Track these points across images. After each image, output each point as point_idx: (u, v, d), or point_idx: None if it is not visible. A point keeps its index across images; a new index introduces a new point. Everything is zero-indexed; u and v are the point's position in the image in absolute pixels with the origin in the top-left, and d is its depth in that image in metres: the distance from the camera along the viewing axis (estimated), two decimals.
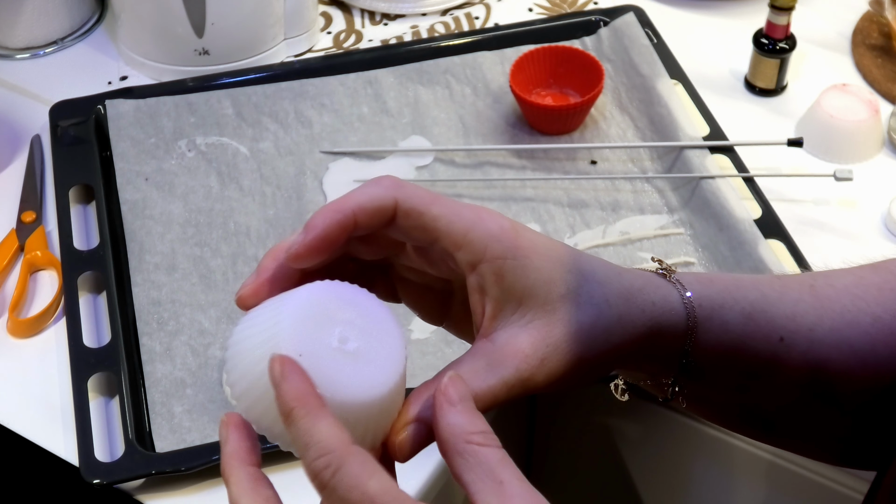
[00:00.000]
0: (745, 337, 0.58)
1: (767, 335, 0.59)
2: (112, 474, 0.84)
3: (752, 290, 0.60)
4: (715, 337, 0.58)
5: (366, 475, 0.48)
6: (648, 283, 0.57)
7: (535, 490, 0.50)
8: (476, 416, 0.50)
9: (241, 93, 1.12)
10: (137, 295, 0.97)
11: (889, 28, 1.19)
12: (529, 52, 1.11)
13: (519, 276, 0.53)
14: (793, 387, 0.61)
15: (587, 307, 0.54)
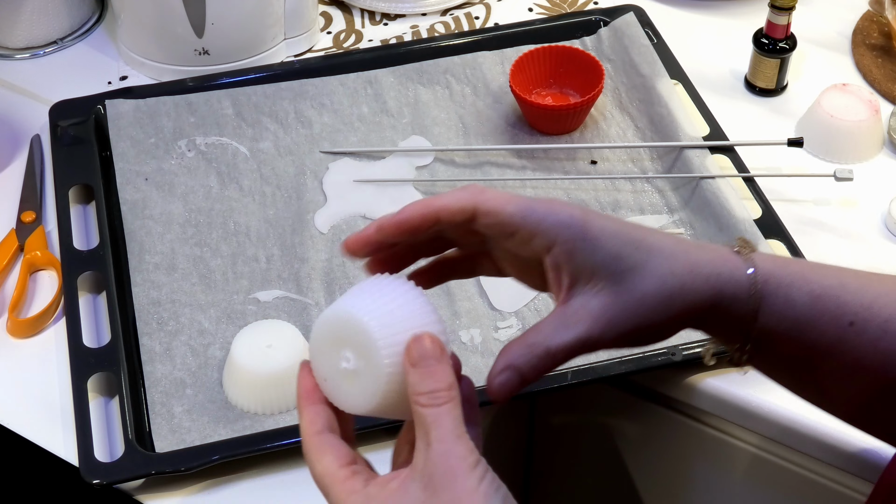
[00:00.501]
0: (811, 317, 0.65)
1: (837, 318, 0.65)
2: (112, 474, 0.84)
3: (832, 278, 0.66)
4: (779, 312, 0.64)
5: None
6: (718, 258, 0.65)
7: (465, 452, 0.59)
8: (428, 375, 0.60)
9: (241, 93, 1.12)
10: (137, 295, 0.97)
11: (889, 28, 1.19)
12: (529, 52, 1.11)
13: (588, 255, 0.63)
14: (862, 375, 0.66)
15: (651, 278, 0.63)
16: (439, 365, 0.60)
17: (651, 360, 0.91)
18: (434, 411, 0.60)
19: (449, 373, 0.60)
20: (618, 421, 1.08)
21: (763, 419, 0.92)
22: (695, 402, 0.95)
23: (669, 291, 0.63)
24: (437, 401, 0.60)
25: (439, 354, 0.61)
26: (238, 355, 0.89)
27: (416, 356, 0.60)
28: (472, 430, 0.64)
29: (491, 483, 0.59)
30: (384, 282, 0.64)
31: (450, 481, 0.59)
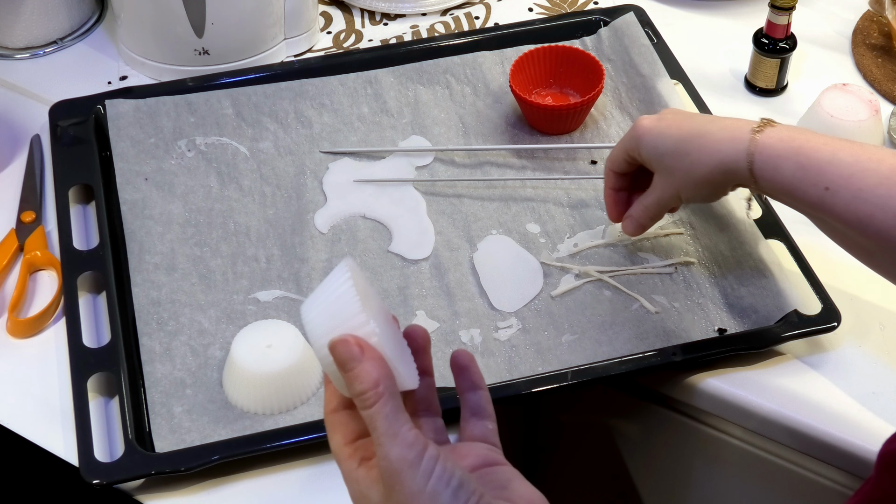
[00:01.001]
0: (794, 183, 0.82)
1: (816, 184, 0.81)
2: (112, 474, 0.84)
3: (826, 151, 0.81)
4: (769, 178, 0.83)
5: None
6: (730, 139, 0.85)
7: (402, 452, 0.61)
8: (353, 378, 0.62)
9: (240, 93, 1.12)
10: (137, 295, 0.97)
11: (889, 28, 1.19)
12: (529, 52, 1.11)
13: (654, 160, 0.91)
14: (845, 232, 0.82)
15: (683, 164, 0.88)
16: (359, 366, 0.62)
17: (651, 360, 0.91)
18: (367, 413, 0.62)
19: (370, 371, 0.62)
20: (618, 421, 1.08)
21: (763, 419, 0.92)
22: (695, 402, 0.95)
23: (698, 177, 0.87)
24: (366, 402, 0.62)
25: (357, 355, 0.63)
26: (238, 355, 0.89)
27: (339, 361, 0.63)
28: (428, 422, 0.69)
29: (440, 478, 0.61)
30: (328, 278, 0.66)
31: (397, 483, 0.61)
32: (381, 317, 0.67)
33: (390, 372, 0.64)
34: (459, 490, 0.61)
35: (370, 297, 0.67)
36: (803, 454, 0.93)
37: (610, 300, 0.97)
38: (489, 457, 0.69)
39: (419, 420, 0.70)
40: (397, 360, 0.65)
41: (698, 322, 0.95)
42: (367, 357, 0.63)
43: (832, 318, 0.93)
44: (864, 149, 0.82)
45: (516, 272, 0.99)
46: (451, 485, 0.61)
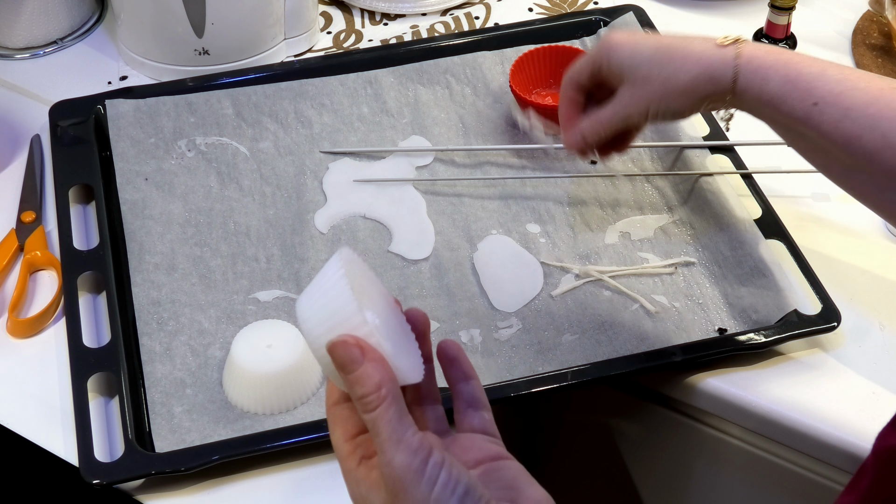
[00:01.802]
0: (782, 95, 0.80)
1: (804, 98, 0.79)
2: (112, 474, 0.84)
3: (815, 68, 0.80)
4: (757, 87, 0.80)
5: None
6: (709, 48, 0.83)
7: (407, 459, 0.59)
8: (355, 381, 0.61)
9: (241, 93, 1.12)
10: (137, 295, 0.97)
11: (889, 28, 1.19)
12: (529, 52, 1.11)
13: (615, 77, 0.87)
14: (828, 151, 0.80)
15: (663, 72, 0.84)
16: (360, 369, 0.61)
17: (651, 360, 0.91)
18: (370, 417, 0.61)
19: (371, 374, 0.61)
20: (618, 421, 1.08)
21: (762, 419, 0.92)
22: (695, 402, 0.95)
23: (679, 85, 0.83)
24: (368, 406, 0.61)
25: (358, 357, 0.61)
26: (238, 355, 0.89)
27: (339, 364, 0.61)
28: (430, 410, 0.68)
29: (445, 485, 0.59)
30: (321, 273, 0.65)
31: (401, 490, 0.60)
32: (381, 305, 0.66)
33: (393, 374, 0.62)
34: (465, 497, 0.60)
35: (368, 285, 0.66)
36: (803, 454, 0.93)
37: (610, 300, 0.97)
38: (492, 450, 0.67)
39: (422, 409, 0.69)
40: (400, 354, 0.64)
41: (698, 322, 0.95)
42: (369, 359, 0.61)
43: (832, 318, 0.93)
44: (852, 70, 0.81)
45: (516, 272, 0.99)
46: (457, 492, 0.60)
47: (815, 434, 0.90)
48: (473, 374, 0.70)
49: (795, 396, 0.92)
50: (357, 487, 0.63)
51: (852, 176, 0.81)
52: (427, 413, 0.69)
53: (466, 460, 0.66)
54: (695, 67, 0.82)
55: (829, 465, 0.92)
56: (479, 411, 0.69)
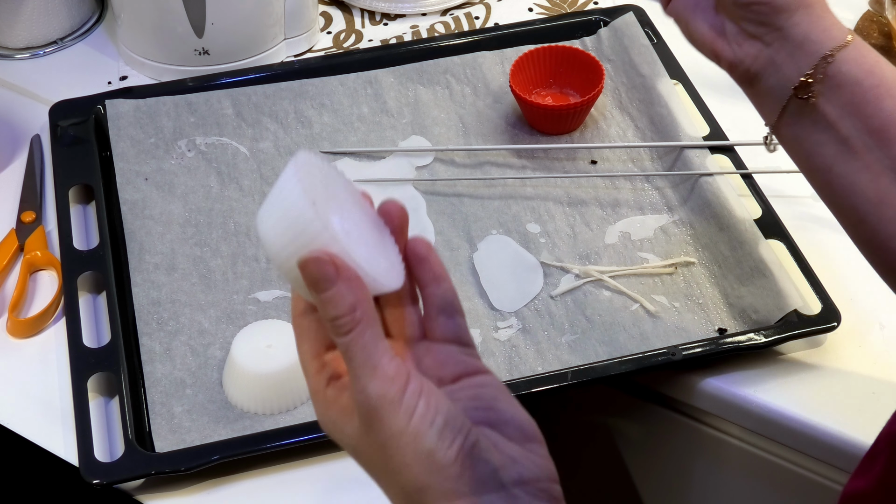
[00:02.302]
0: (894, 85, 0.71)
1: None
2: (112, 474, 0.84)
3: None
4: (865, 68, 0.71)
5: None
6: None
7: (383, 387, 0.56)
8: (327, 301, 0.56)
9: (241, 93, 1.12)
10: (137, 295, 0.97)
11: (889, 28, 1.19)
12: (529, 52, 1.11)
13: None
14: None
15: None
16: (334, 288, 0.56)
17: (651, 360, 0.91)
18: (343, 341, 0.56)
19: (345, 293, 0.56)
20: (618, 421, 1.08)
21: (762, 419, 0.92)
22: (695, 402, 0.95)
23: None
24: (341, 329, 0.56)
25: (331, 275, 0.56)
26: (238, 355, 0.89)
27: (310, 282, 0.57)
28: (408, 313, 0.62)
29: (423, 416, 0.56)
30: (276, 183, 0.59)
31: (375, 420, 0.56)
32: (349, 206, 0.60)
33: (368, 294, 0.57)
34: (445, 429, 0.56)
35: (333, 187, 0.61)
36: (803, 454, 0.93)
37: (610, 300, 0.97)
38: (469, 364, 0.62)
39: (398, 310, 0.63)
40: (375, 260, 0.59)
41: (698, 322, 0.95)
42: (343, 277, 0.56)
43: (832, 318, 0.93)
44: None
45: (516, 272, 0.99)
46: (436, 423, 0.56)
47: (815, 434, 0.90)
48: (445, 276, 0.64)
49: (795, 396, 0.92)
50: (326, 411, 0.60)
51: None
52: (403, 316, 0.63)
53: (442, 376, 0.62)
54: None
55: (829, 465, 0.92)
56: (453, 318, 0.63)
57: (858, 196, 0.74)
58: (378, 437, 0.57)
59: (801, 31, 0.74)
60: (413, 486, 0.57)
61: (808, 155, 0.76)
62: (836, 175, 0.75)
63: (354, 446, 0.59)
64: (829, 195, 0.77)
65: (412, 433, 0.56)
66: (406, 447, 0.56)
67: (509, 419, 0.60)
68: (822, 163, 0.75)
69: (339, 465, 0.87)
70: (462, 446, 0.56)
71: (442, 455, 0.56)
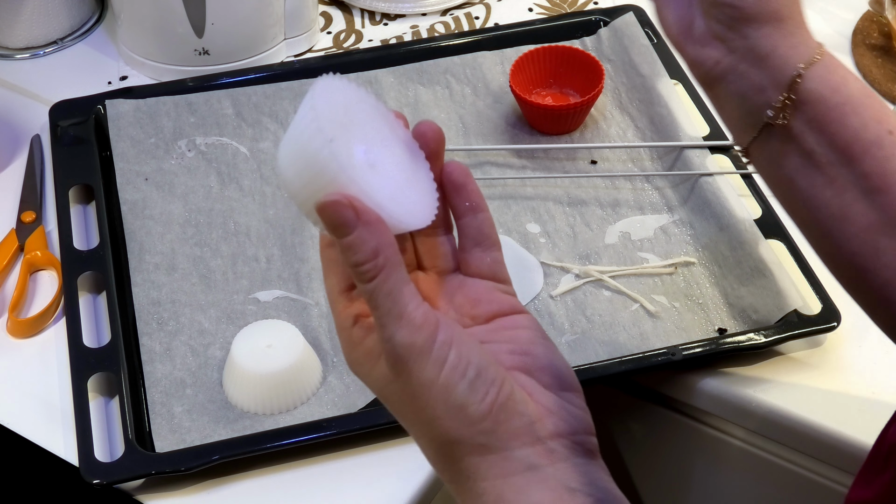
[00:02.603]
0: (859, 103, 0.65)
1: (879, 120, 0.65)
2: (112, 474, 0.84)
3: (878, 96, 0.67)
4: (834, 83, 0.65)
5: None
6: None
7: (410, 336, 0.53)
8: (348, 247, 0.54)
9: (241, 93, 1.12)
10: (137, 295, 0.97)
11: (889, 28, 1.19)
12: (529, 52, 1.11)
13: None
14: (872, 198, 0.65)
15: None
16: (354, 233, 0.53)
17: (651, 360, 0.91)
18: (366, 288, 0.54)
19: (367, 238, 0.53)
20: (618, 421, 1.08)
21: (762, 419, 0.92)
22: (695, 402, 0.95)
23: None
24: (364, 276, 0.54)
25: (351, 220, 0.53)
26: (238, 355, 0.89)
27: (329, 227, 0.54)
28: (441, 243, 0.59)
29: (454, 368, 0.53)
30: (298, 113, 0.56)
31: (403, 371, 0.54)
32: (377, 133, 0.57)
33: (391, 238, 0.54)
34: (477, 380, 0.54)
35: (359, 112, 0.57)
36: (803, 454, 0.93)
37: (610, 300, 0.97)
38: (503, 302, 0.61)
39: (432, 240, 0.60)
40: (399, 197, 0.56)
41: (698, 322, 0.95)
42: (363, 221, 0.53)
43: (832, 318, 0.93)
44: None
45: (516, 272, 0.98)
46: (468, 375, 0.53)
47: (815, 434, 0.90)
48: (483, 206, 0.61)
49: (795, 396, 0.92)
50: (351, 352, 0.57)
51: (878, 241, 0.68)
52: (436, 246, 0.60)
53: (476, 314, 0.59)
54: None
55: (829, 465, 0.92)
56: (489, 251, 0.61)
57: (821, 211, 0.69)
58: (407, 387, 0.54)
59: (768, 45, 0.67)
60: (444, 439, 0.55)
61: (771, 167, 0.72)
62: (799, 189, 0.70)
63: (381, 390, 0.57)
64: (792, 208, 0.72)
65: (442, 385, 0.53)
66: (436, 399, 0.54)
67: (546, 366, 0.57)
68: (785, 175, 0.70)
69: (339, 464, 0.87)
70: (496, 399, 0.54)
71: (475, 409, 0.54)
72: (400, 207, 0.55)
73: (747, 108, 0.68)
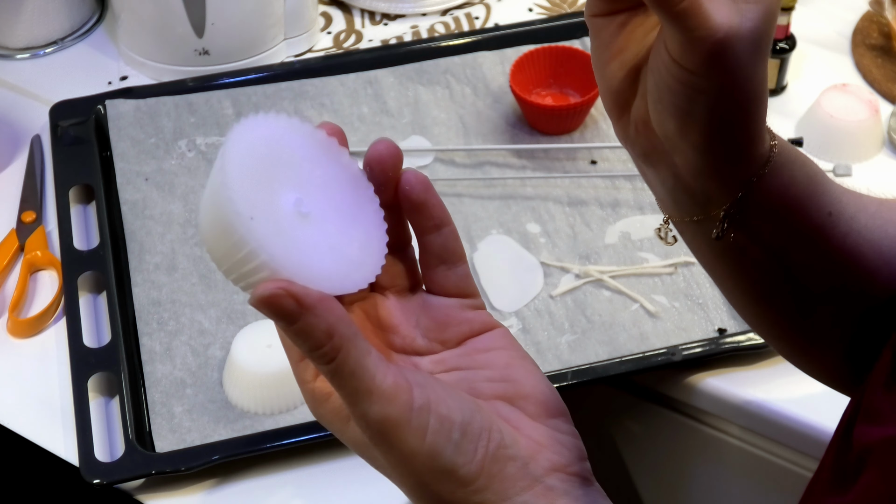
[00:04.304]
0: (805, 197, 0.60)
1: (820, 205, 0.60)
2: (112, 474, 0.84)
3: (816, 174, 0.61)
4: (782, 183, 0.58)
5: None
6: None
7: (384, 410, 0.49)
8: (292, 334, 0.48)
9: (241, 93, 1.12)
10: (137, 295, 0.97)
11: (889, 28, 1.19)
12: (529, 52, 1.11)
13: None
14: (829, 271, 0.62)
15: None
16: (297, 322, 0.47)
17: (651, 360, 0.91)
18: (327, 369, 0.48)
19: (316, 325, 0.47)
20: (618, 421, 1.08)
21: (762, 419, 0.92)
22: (695, 402, 0.95)
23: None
24: (323, 359, 0.48)
25: (293, 310, 0.47)
26: (238, 355, 0.89)
27: (275, 319, 0.48)
28: (399, 261, 0.54)
29: (437, 433, 0.49)
30: (212, 173, 0.49)
31: (384, 444, 0.50)
32: (307, 174, 0.50)
33: (341, 310, 0.48)
34: (462, 440, 0.50)
35: (280, 158, 0.49)
36: (803, 454, 0.93)
37: (610, 300, 0.97)
38: (473, 321, 0.56)
39: (390, 258, 0.53)
40: (339, 256, 0.49)
41: (698, 322, 0.95)
42: (307, 307, 0.47)
43: None
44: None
45: (516, 272, 0.99)
46: (453, 438, 0.49)
47: (814, 434, 0.90)
48: (447, 220, 0.55)
49: (795, 396, 0.92)
50: (319, 407, 0.53)
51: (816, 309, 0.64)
52: (393, 265, 0.55)
53: (445, 338, 0.55)
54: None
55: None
56: (455, 267, 0.55)
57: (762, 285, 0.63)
58: (389, 456, 0.51)
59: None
60: (437, 500, 0.51)
61: (707, 243, 0.63)
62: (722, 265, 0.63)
63: (359, 451, 0.53)
64: (736, 276, 0.65)
65: (427, 454, 0.50)
66: (423, 466, 0.50)
67: (529, 392, 0.54)
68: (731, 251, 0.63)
69: (339, 464, 0.87)
70: (486, 454, 0.51)
71: (465, 471, 0.50)
72: (339, 264, 0.50)
73: (683, 208, 0.62)
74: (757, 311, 0.66)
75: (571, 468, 0.54)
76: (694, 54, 0.50)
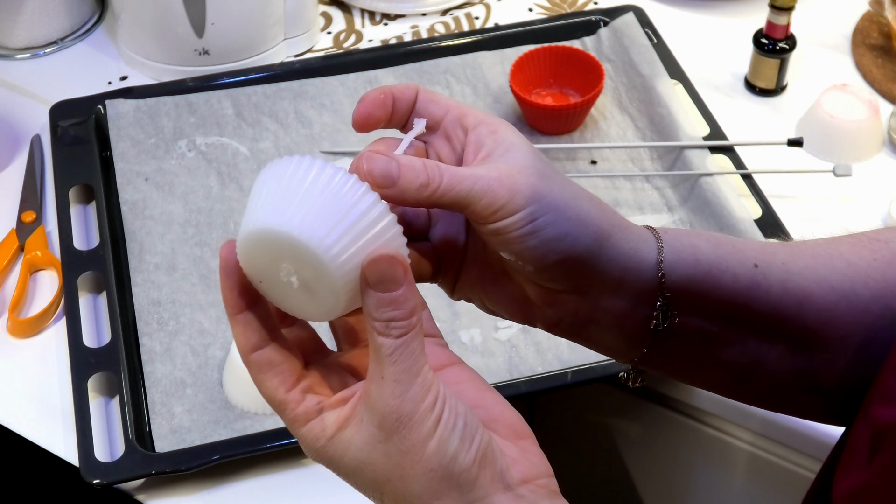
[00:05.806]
0: (717, 260, 0.61)
1: (741, 261, 0.61)
2: (112, 474, 0.84)
3: (721, 237, 0.63)
4: (688, 259, 0.61)
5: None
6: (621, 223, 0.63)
7: (420, 393, 0.53)
8: (387, 302, 0.53)
9: (241, 93, 1.12)
10: (137, 295, 0.97)
11: (889, 28, 1.19)
12: (529, 52, 1.11)
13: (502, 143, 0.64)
14: (776, 330, 0.62)
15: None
16: (399, 290, 0.53)
17: None
18: (391, 343, 0.53)
19: (410, 299, 0.53)
20: (618, 421, 1.08)
21: (762, 419, 0.92)
22: (695, 402, 0.95)
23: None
24: (394, 332, 0.53)
25: (401, 276, 0.53)
26: (238, 355, 0.89)
27: (374, 279, 0.53)
28: (432, 347, 0.59)
29: (447, 422, 0.54)
30: (300, 168, 0.55)
31: (404, 426, 0.53)
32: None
33: (423, 301, 0.54)
34: (465, 431, 0.54)
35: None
36: (803, 454, 0.93)
37: None
38: (441, 356, 0.59)
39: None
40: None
41: None
42: (409, 281, 0.53)
43: None
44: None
45: None
46: (458, 427, 0.54)
47: (815, 434, 0.90)
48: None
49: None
50: (323, 440, 0.55)
51: (797, 362, 0.65)
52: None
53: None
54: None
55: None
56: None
57: (733, 370, 0.65)
58: (401, 444, 0.54)
59: (616, 268, 0.60)
60: (431, 493, 0.55)
61: (666, 363, 0.65)
62: (703, 365, 0.65)
63: (367, 456, 0.55)
64: (700, 381, 0.68)
65: (438, 438, 0.54)
66: (430, 453, 0.54)
67: (499, 417, 0.58)
68: (683, 363, 0.65)
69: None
70: (479, 447, 0.55)
71: (463, 457, 0.54)
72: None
73: (629, 333, 0.62)
74: (738, 398, 0.69)
75: (540, 481, 0.57)
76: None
